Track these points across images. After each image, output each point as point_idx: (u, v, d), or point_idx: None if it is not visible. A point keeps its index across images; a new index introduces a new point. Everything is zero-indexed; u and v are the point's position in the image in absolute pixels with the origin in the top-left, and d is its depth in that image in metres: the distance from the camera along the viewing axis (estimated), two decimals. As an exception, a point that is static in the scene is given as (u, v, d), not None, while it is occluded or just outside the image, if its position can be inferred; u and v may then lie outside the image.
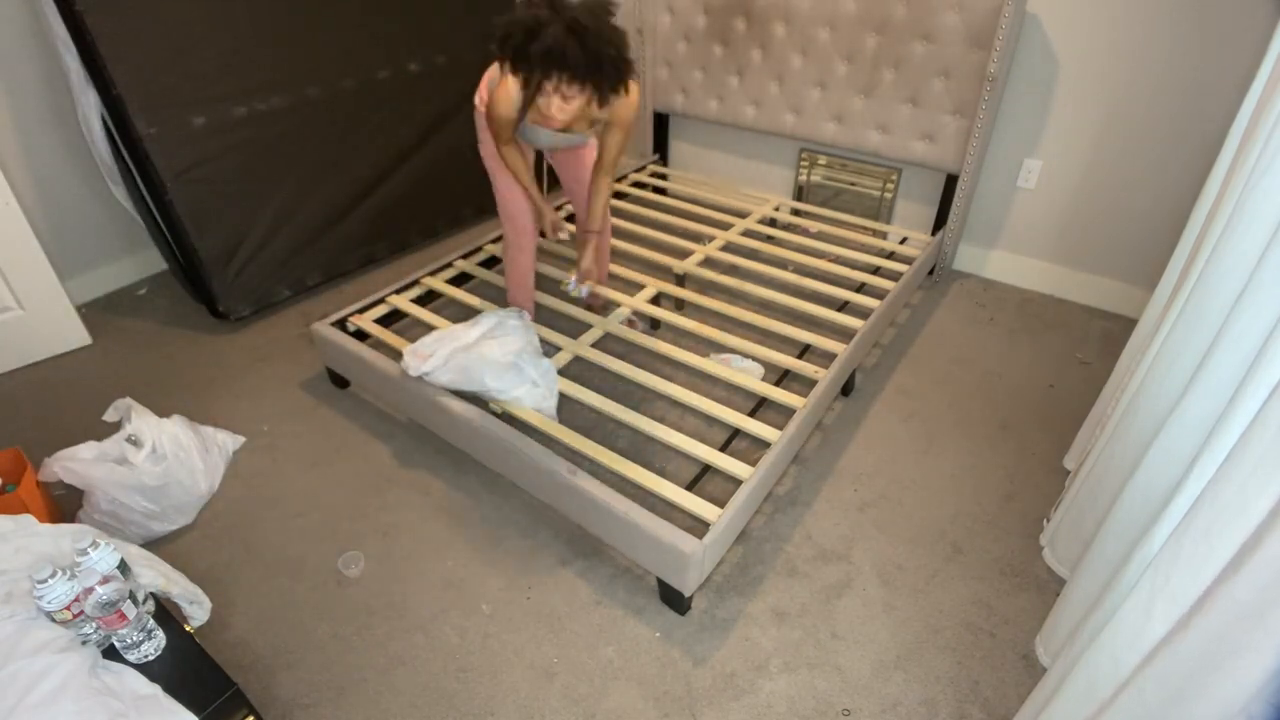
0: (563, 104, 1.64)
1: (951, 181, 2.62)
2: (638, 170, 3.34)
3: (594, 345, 2.15)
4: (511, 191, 2.06)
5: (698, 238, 2.77)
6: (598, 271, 2.44)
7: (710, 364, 2.02)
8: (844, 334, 2.17)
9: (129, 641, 1.19)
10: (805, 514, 1.85)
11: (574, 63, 1.55)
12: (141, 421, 1.82)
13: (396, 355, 2.06)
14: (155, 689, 1.13)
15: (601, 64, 1.58)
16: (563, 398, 1.92)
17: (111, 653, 1.20)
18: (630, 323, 2.31)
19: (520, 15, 1.55)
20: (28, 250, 2.27)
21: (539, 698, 1.46)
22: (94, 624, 1.18)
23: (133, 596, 1.19)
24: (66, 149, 2.52)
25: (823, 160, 2.99)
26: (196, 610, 1.48)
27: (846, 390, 2.23)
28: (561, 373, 1.97)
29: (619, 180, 3.22)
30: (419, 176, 2.97)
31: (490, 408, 1.86)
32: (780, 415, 1.91)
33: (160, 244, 2.52)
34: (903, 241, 2.76)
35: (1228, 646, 0.81)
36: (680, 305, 2.49)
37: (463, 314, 2.44)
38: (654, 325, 2.47)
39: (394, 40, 2.79)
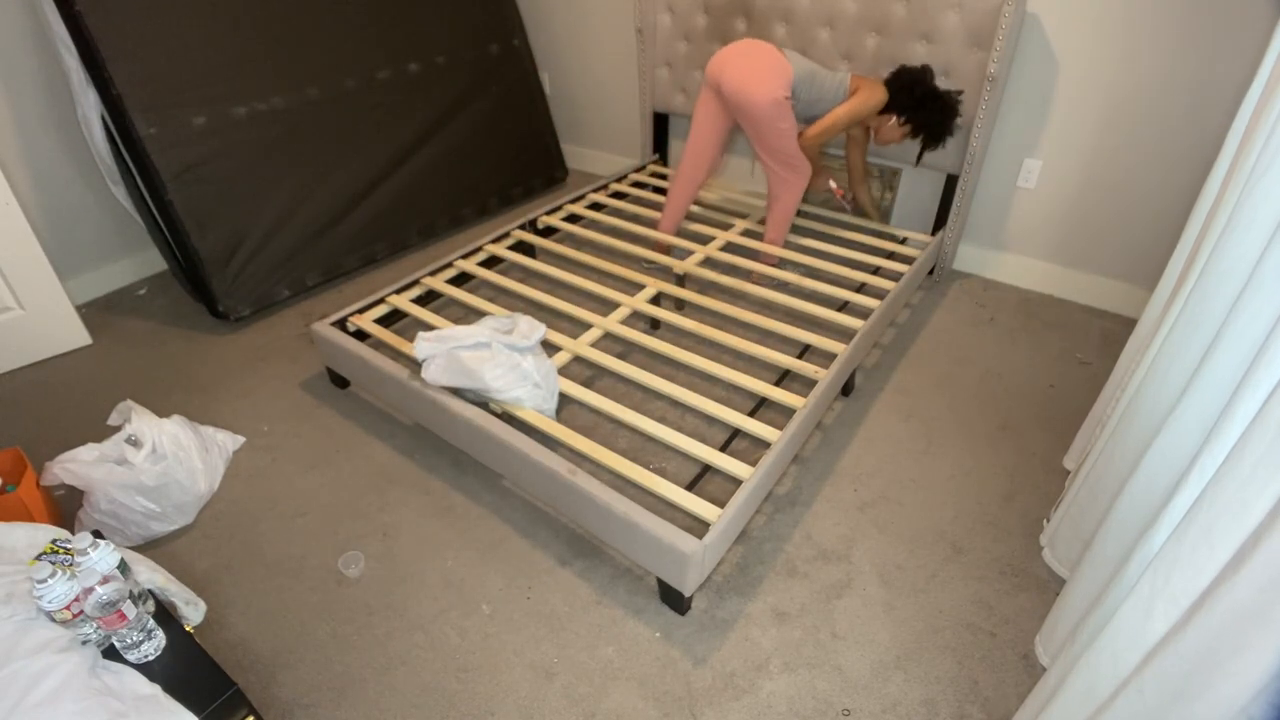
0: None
1: (951, 181, 2.62)
2: (638, 170, 3.33)
3: (594, 345, 2.15)
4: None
5: (698, 238, 2.77)
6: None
7: (711, 365, 2.02)
8: (844, 334, 2.17)
9: (129, 641, 1.19)
10: (805, 514, 1.85)
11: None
12: (141, 421, 1.82)
13: (396, 355, 2.06)
14: (155, 689, 1.13)
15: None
16: (563, 398, 1.92)
17: (111, 653, 1.20)
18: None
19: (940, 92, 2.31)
20: (28, 250, 2.27)
21: (539, 698, 1.46)
22: (94, 624, 1.18)
23: (133, 596, 1.19)
24: (66, 149, 2.52)
25: (823, 160, 2.99)
26: (191, 611, 1.48)
27: (846, 390, 2.23)
28: (561, 373, 1.97)
29: (619, 180, 3.23)
30: (419, 176, 2.98)
31: (490, 408, 1.87)
32: (780, 415, 1.91)
33: (160, 244, 2.53)
34: (903, 241, 2.75)
35: (1228, 646, 0.81)
36: (680, 305, 2.49)
37: (463, 314, 2.45)
38: (654, 325, 2.47)
39: (394, 40, 2.79)
